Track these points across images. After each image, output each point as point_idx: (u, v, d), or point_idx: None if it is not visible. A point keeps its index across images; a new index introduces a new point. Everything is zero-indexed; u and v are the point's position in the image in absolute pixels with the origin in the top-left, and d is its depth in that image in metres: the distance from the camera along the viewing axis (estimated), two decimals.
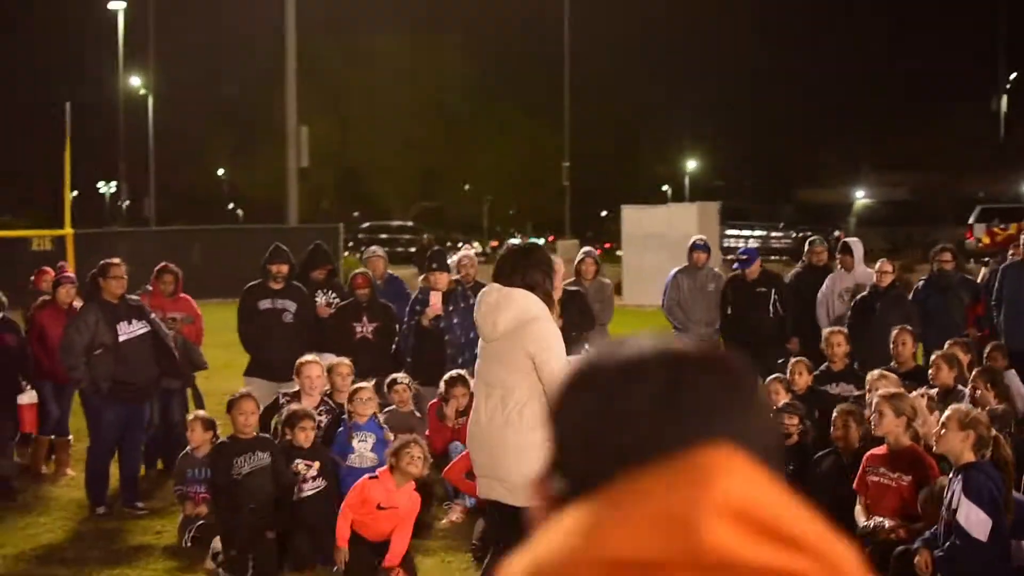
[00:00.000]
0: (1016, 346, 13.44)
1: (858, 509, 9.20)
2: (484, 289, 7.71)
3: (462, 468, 11.18)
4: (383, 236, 49.28)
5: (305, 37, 36.61)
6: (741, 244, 46.26)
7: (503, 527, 7.69)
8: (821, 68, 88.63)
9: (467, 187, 71.80)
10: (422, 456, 10.16)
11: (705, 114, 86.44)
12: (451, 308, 13.78)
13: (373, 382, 12.07)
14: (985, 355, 12.84)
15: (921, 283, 15.45)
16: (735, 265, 15.08)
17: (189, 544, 10.69)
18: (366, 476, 10.26)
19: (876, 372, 10.88)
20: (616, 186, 71.01)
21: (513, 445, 7.36)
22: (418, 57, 64.44)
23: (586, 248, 17.48)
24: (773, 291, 14.82)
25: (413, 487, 10.27)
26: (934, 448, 8.31)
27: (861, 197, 77.09)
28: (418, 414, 12.62)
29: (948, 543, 7.84)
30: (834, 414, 10.11)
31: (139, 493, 12.25)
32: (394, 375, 12.63)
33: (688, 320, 15.20)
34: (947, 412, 8.18)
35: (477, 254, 15.01)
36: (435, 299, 13.74)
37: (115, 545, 10.96)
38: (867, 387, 10.83)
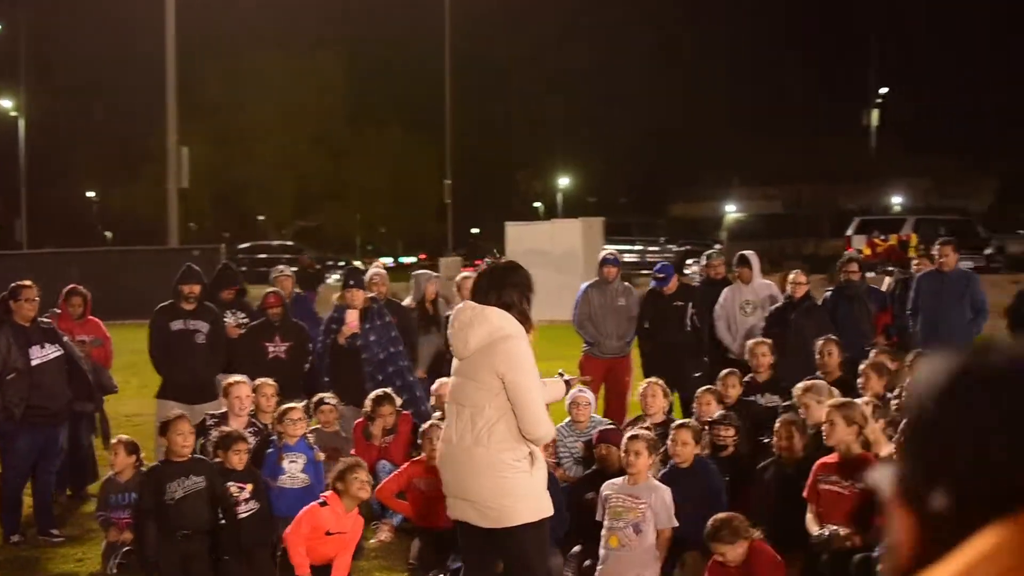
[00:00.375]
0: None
1: (810, 518, 9.16)
2: (459, 306, 7.57)
3: (393, 487, 11.03)
4: (262, 256, 48.79)
5: (184, 57, 35.96)
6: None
7: (472, 549, 7.52)
8: (693, 84, 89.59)
9: (340, 205, 71.23)
10: (368, 480, 10.10)
11: (577, 131, 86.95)
12: (367, 326, 13.60)
13: (304, 403, 11.85)
14: (908, 363, 12.93)
15: (828, 293, 15.54)
16: (653, 283, 15.03)
17: (115, 571, 10.40)
18: (314, 503, 10.04)
19: (805, 383, 10.83)
20: (485, 203, 71.21)
21: (483, 465, 7.20)
22: (295, 75, 64.03)
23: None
24: (689, 305, 14.81)
25: (358, 511, 10.15)
26: (881, 455, 8.28)
27: (732, 211, 78.01)
28: (343, 434, 12.40)
29: None
30: (776, 424, 10.08)
31: (54, 520, 11.89)
32: (320, 395, 12.39)
33: (599, 334, 15.12)
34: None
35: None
36: (351, 317, 13.54)
37: (35, 575, 10.62)
38: (796, 398, 10.76)
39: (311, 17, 66.74)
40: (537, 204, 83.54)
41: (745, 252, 15.94)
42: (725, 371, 12.64)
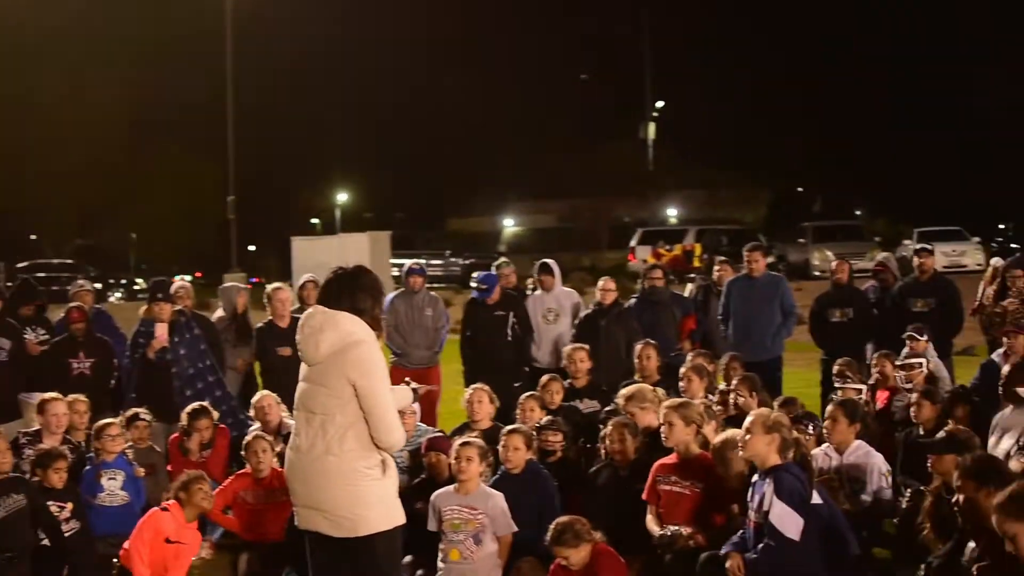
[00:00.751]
0: (745, 358, 13.75)
1: (650, 519, 9.19)
2: (308, 311, 7.39)
3: (219, 501, 10.76)
4: (42, 275, 47.41)
5: None
6: None
7: (322, 560, 7.34)
8: (469, 99, 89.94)
9: (119, 223, 69.83)
10: (211, 492, 9.93)
11: (354, 147, 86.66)
12: (176, 339, 13.29)
13: (121, 418, 11.50)
14: (725, 366, 13.15)
15: (634, 300, 15.67)
16: (475, 293, 14.99)
17: None
18: (156, 509, 9.84)
19: (627, 390, 10.86)
20: (262, 220, 70.49)
21: (335, 473, 7.07)
22: (75, 93, 62.61)
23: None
24: (511, 314, 14.77)
25: (196, 526, 9.96)
26: (740, 453, 8.33)
27: (510, 225, 78.55)
28: (157, 449, 12.05)
29: (763, 545, 7.88)
30: (608, 428, 10.08)
31: None
32: (134, 410, 11.99)
33: (406, 344, 15.04)
34: (749, 418, 8.23)
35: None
36: (161, 331, 13.20)
37: None
38: (620, 407, 10.76)
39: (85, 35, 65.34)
40: (314, 220, 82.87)
41: (547, 260, 15.99)
42: (547, 377, 12.63)
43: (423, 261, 16.80)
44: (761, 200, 75.92)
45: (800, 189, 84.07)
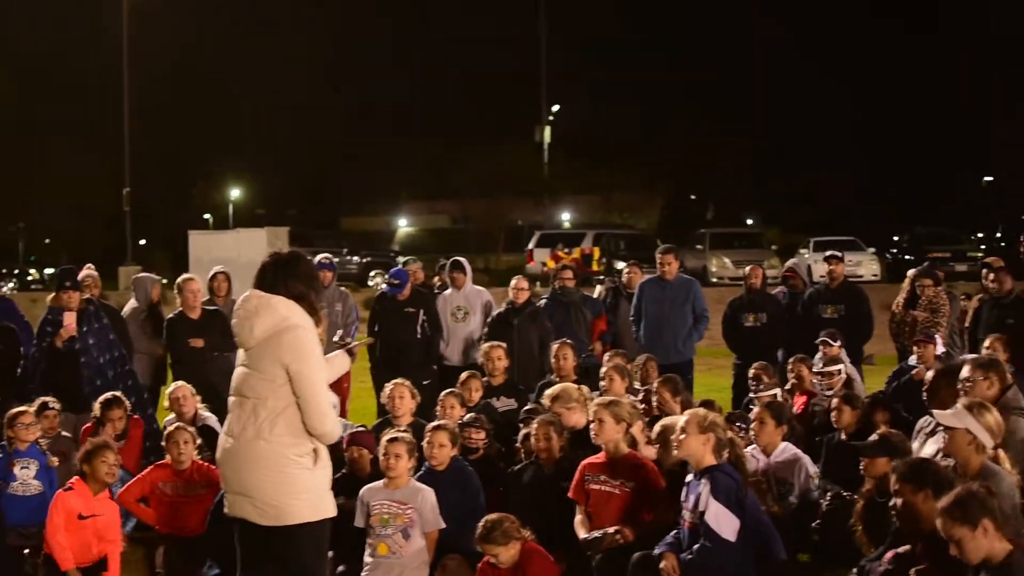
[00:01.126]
0: (659, 360, 13.77)
1: (578, 520, 9.11)
2: (244, 295, 7.20)
3: (136, 492, 10.57)
4: None
5: None
6: None
7: (250, 549, 7.17)
8: (364, 98, 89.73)
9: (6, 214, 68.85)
10: (116, 463, 9.69)
11: (247, 143, 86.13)
12: (85, 328, 13.01)
13: (35, 406, 11.22)
14: (641, 367, 13.16)
15: (543, 300, 15.65)
16: (386, 288, 14.85)
17: None
18: (60, 490, 9.64)
19: (553, 390, 10.77)
20: (154, 213, 69.74)
21: (264, 458, 6.94)
22: None
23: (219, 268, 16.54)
24: (422, 311, 14.66)
25: (108, 495, 9.77)
26: (675, 452, 8.29)
27: (404, 225, 78.40)
28: (67, 434, 11.77)
29: (698, 545, 7.85)
30: (534, 426, 10.00)
31: None
32: (44, 399, 11.71)
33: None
34: (685, 417, 8.21)
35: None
36: (69, 319, 12.92)
37: None
38: (547, 406, 10.67)
39: None
40: (207, 216, 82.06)
41: (459, 258, 15.98)
42: (466, 374, 12.57)
43: (332, 256, 16.51)
44: (654, 206, 76.40)
45: (692, 196, 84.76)
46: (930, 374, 9.97)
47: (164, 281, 15.32)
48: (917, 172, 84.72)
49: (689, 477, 8.25)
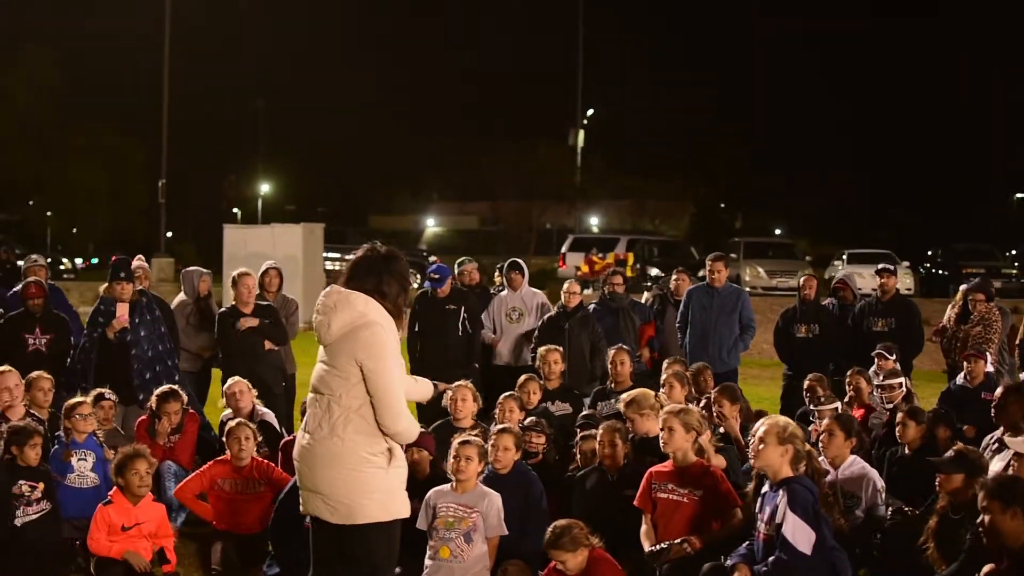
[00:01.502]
0: None
1: (644, 529, 9.01)
2: (326, 290, 7.12)
3: (195, 487, 10.52)
4: None
5: None
6: (339, 266, 46.10)
7: (323, 548, 7.13)
8: (396, 98, 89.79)
9: (44, 201, 69.07)
10: (149, 471, 9.62)
11: (279, 139, 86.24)
12: (137, 320, 12.97)
13: (91, 397, 11.18)
14: (693, 375, 13.06)
15: (592, 305, 15.56)
16: (427, 284, 14.75)
17: None
18: (100, 504, 9.61)
19: (629, 395, 10.66)
20: (182, 206, 69.80)
21: (338, 456, 6.87)
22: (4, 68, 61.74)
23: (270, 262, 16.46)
24: (462, 309, 14.59)
25: (151, 498, 9.73)
26: (752, 463, 8.19)
27: (432, 225, 78.29)
28: (122, 431, 11.75)
29: (774, 558, 7.74)
30: (599, 431, 9.92)
31: None
32: (100, 390, 11.67)
33: None
34: (763, 427, 8.09)
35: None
36: (122, 311, 12.89)
37: None
38: (623, 411, 10.57)
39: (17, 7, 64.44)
40: (236, 211, 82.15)
41: (517, 259, 15.98)
42: (525, 376, 12.48)
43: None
44: (684, 213, 76.20)
45: (723, 205, 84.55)
46: (999, 391, 9.88)
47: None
48: (945, 186, 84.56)
49: (765, 488, 8.14)
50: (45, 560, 9.45)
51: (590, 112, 63.18)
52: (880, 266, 16.38)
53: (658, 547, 8.69)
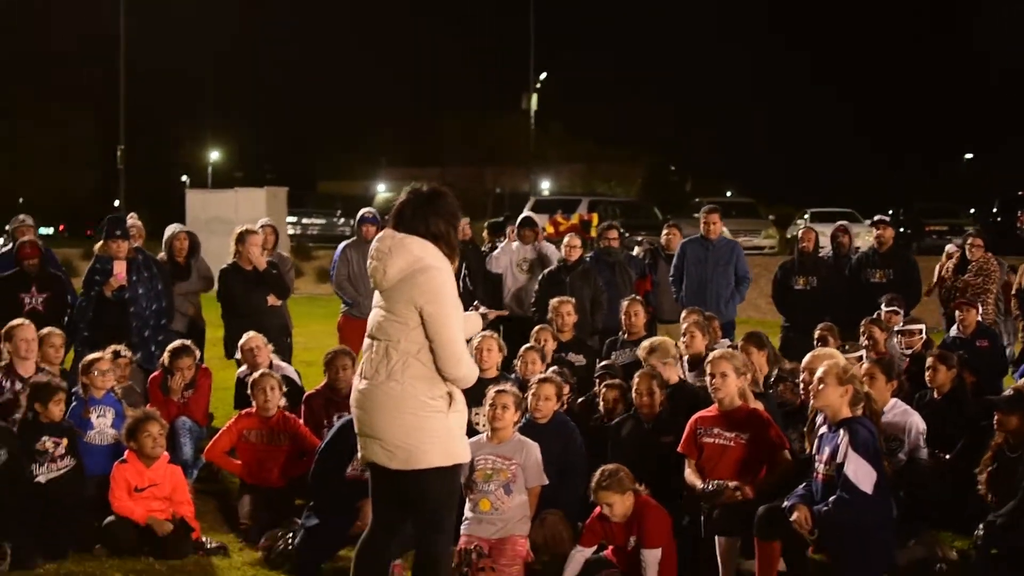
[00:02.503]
0: None
1: (689, 472, 8.90)
2: (379, 235, 6.92)
3: (224, 444, 10.40)
4: None
5: None
6: (298, 231, 45.88)
7: (381, 495, 6.99)
8: (346, 64, 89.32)
9: None
10: (161, 433, 9.52)
11: (227, 106, 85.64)
12: (134, 278, 12.83)
13: (110, 352, 10.97)
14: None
15: (589, 258, 15.45)
16: None
17: None
18: (117, 462, 9.53)
19: (649, 343, 10.63)
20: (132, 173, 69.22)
21: (396, 400, 6.70)
22: None
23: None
24: (463, 266, 14.50)
25: (166, 459, 9.62)
26: (812, 403, 8.09)
27: (383, 191, 77.96)
28: (137, 389, 11.57)
29: (835, 497, 7.67)
30: (636, 380, 9.80)
31: None
32: (115, 347, 11.45)
33: (358, 294, 14.66)
34: (823, 368, 8.01)
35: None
36: (119, 268, 12.71)
37: None
38: (643, 359, 10.55)
39: None
40: (184, 178, 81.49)
41: (530, 215, 16.01)
42: (538, 328, 12.38)
43: (374, 209, 16.32)
44: (635, 177, 76.30)
45: (673, 168, 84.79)
46: None
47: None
48: (900, 147, 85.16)
49: (822, 429, 8.07)
50: (70, 516, 9.27)
51: (543, 76, 62.91)
52: (876, 218, 16.36)
53: (712, 486, 8.56)
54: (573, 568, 8.54)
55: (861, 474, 7.61)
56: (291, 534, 9.04)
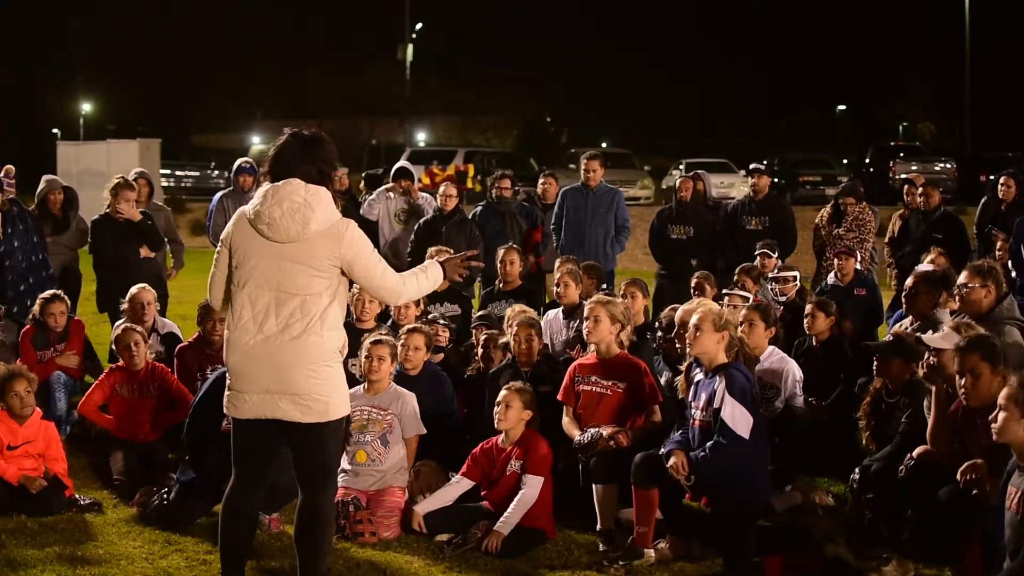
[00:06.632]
0: None
1: (567, 421, 8.91)
2: (283, 185, 6.60)
3: (98, 398, 10.24)
4: None
5: None
6: (172, 183, 45.28)
7: (260, 450, 6.82)
8: (220, 15, 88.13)
9: None
10: (29, 389, 9.22)
11: (97, 58, 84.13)
12: (9, 231, 12.53)
13: None
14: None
15: (479, 208, 15.38)
16: None
17: None
18: None
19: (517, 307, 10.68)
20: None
21: (315, 353, 6.56)
22: None
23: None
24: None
25: (39, 415, 9.37)
26: (688, 350, 8.08)
27: (257, 143, 77.22)
28: (6, 344, 11.31)
29: (712, 442, 7.68)
30: (515, 328, 9.80)
31: None
32: None
33: None
34: (698, 315, 7.99)
35: None
36: None
37: None
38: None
39: None
40: (56, 130, 79.95)
41: (405, 165, 15.99)
42: None
43: (251, 160, 16.12)
44: (510, 129, 76.33)
45: (549, 119, 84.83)
46: (911, 280, 9.92)
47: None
48: (774, 98, 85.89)
49: (698, 376, 8.07)
50: None
51: (418, 26, 62.58)
52: (752, 166, 16.43)
53: (586, 438, 8.55)
54: (450, 494, 8.67)
55: (738, 418, 7.62)
56: (166, 489, 8.89)
